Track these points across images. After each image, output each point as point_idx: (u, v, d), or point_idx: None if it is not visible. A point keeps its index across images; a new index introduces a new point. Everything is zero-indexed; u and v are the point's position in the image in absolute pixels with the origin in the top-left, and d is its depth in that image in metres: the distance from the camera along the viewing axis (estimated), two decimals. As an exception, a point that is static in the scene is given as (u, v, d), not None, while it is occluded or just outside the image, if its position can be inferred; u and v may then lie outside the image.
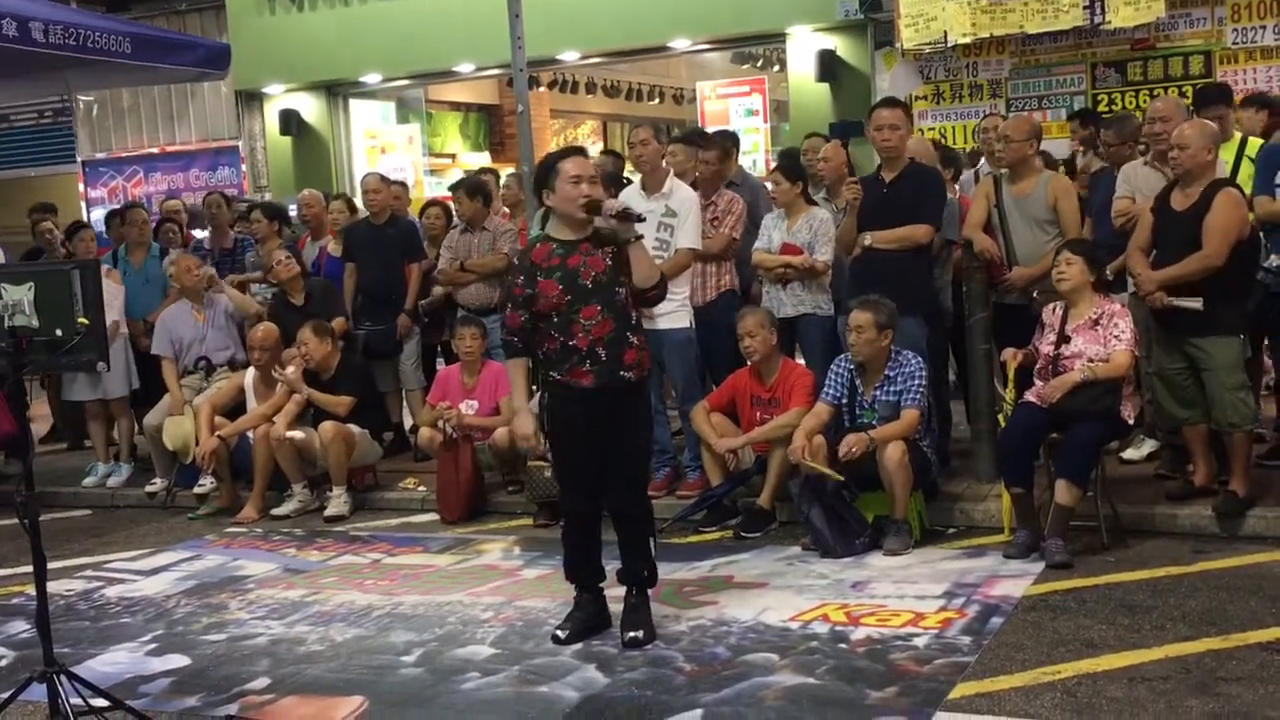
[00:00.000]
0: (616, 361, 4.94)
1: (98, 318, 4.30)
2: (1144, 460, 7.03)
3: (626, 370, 4.97)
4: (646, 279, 4.96)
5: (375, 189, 8.82)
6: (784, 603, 5.47)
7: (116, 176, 14.78)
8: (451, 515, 7.39)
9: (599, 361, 4.92)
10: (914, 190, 6.70)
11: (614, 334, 4.93)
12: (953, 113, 10.48)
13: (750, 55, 14.40)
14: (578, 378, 4.95)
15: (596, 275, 4.92)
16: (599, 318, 4.90)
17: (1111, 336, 5.91)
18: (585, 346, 4.91)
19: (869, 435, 6.11)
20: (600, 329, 4.91)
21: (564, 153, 5.08)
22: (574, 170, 4.92)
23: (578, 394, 4.97)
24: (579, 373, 4.94)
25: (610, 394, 4.96)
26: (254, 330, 8.15)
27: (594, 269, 4.93)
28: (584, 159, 5.02)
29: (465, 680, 4.82)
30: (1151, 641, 4.74)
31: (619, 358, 4.94)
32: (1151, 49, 9.88)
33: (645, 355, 5.07)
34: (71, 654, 5.23)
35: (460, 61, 12.82)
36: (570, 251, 4.96)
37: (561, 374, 4.98)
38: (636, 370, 5.01)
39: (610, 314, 4.92)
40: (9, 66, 8.61)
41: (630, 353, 4.97)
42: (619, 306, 4.95)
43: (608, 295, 4.93)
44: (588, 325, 4.90)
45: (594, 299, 4.90)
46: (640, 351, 5.03)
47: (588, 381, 4.94)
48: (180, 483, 8.40)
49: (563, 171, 4.93)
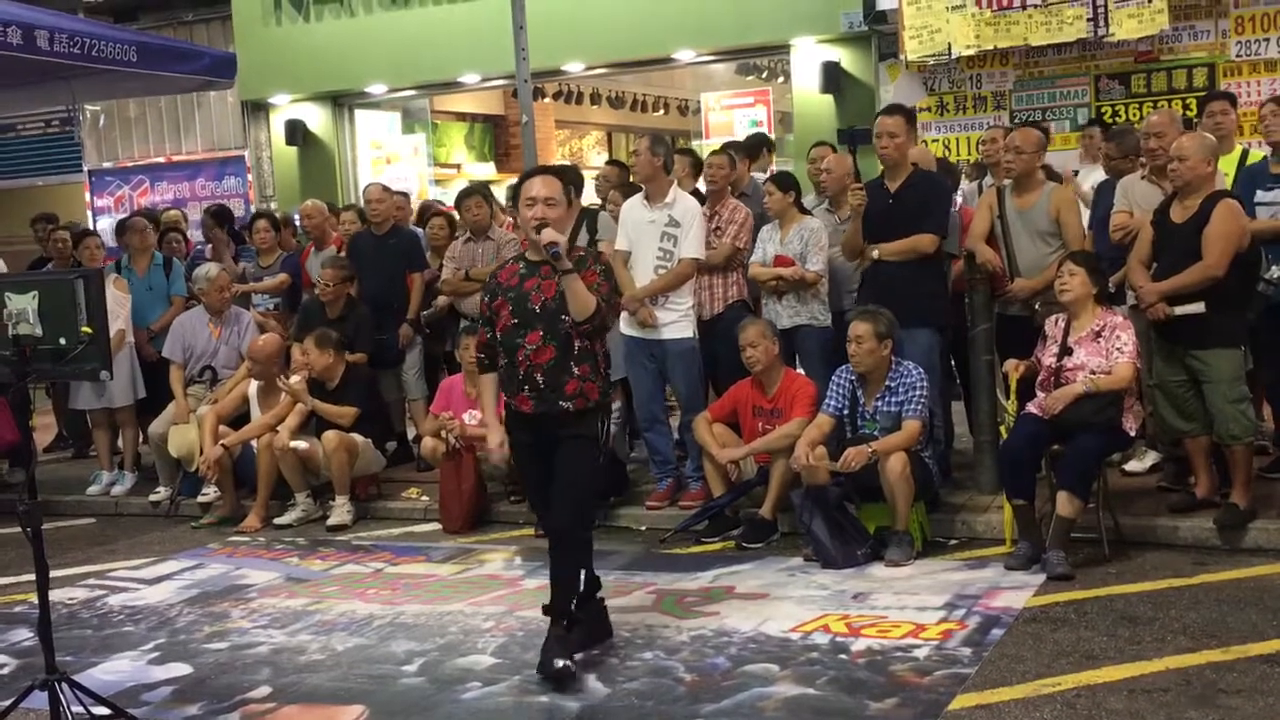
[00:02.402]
0: (555, 390, 4.87)
1: (101, 327, 4.32)
2: (1146, 472, 7.03)
3: (566, 400, 4.89)
4: (579, 312, 4.80)
5: (378, 198, 8.84)
6: (785, 613, 5.47)
7: (123, 186, 14.81)
8: (453, 525, 7.39)
9: (536, 388, 4.89)
10: (919, 198, 6.72)
11: (555, 362, 4.86)
12: (956, 124, 10.48)
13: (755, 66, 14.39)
14: (519, 403, 4.97)
15: (545, 301, 4.88)
16: (540, 344, 4.86)
17: (1114, 348, 5.92)
18: (524, 372, 4.90)
19: (870, 447, 6.11)
20: (540, 355, 4.86)
21: (530, 172, 5.11)
22: (531, 192, 4.88)
23: (519, 418, 5.01)
24: (520, 397, 4.95)
25: (549, 420, 4.92)
26: (254, 342, 8.16)
27: (545, 294, 4.89)
28: (548, 179, 4.95)
29: (466, 690, 4.82)
30: (1152, 653, 4.74)
31: (558, 386, 4.87)
32: (1155, 61, 9.88)
33: (590, 387, 4.93)
34: (73, 662, 5.25)
35: (465, 72, 12.84)
36: (530, 274, 4.95)
37: (510, 395, 5.02)
38: (578, 400, 4.90)
39: (553, 341, 4.86)
40: (15, 75, 8.66)
41: (571, 383, 4.88)
42: (563, 334, 4.86)
43: (552, 323, 4.86)
44: (529, 350, 4.87)
45: (539, 325, 4.87)
46: (584, 383, 4.90)
47: (527, 408, 4.94)
48: (184, 492, 8.43)
49: (524, 191, 4.93)
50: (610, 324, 5.09)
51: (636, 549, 6.77)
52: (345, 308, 8.40)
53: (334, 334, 7.99)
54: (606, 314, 4.91)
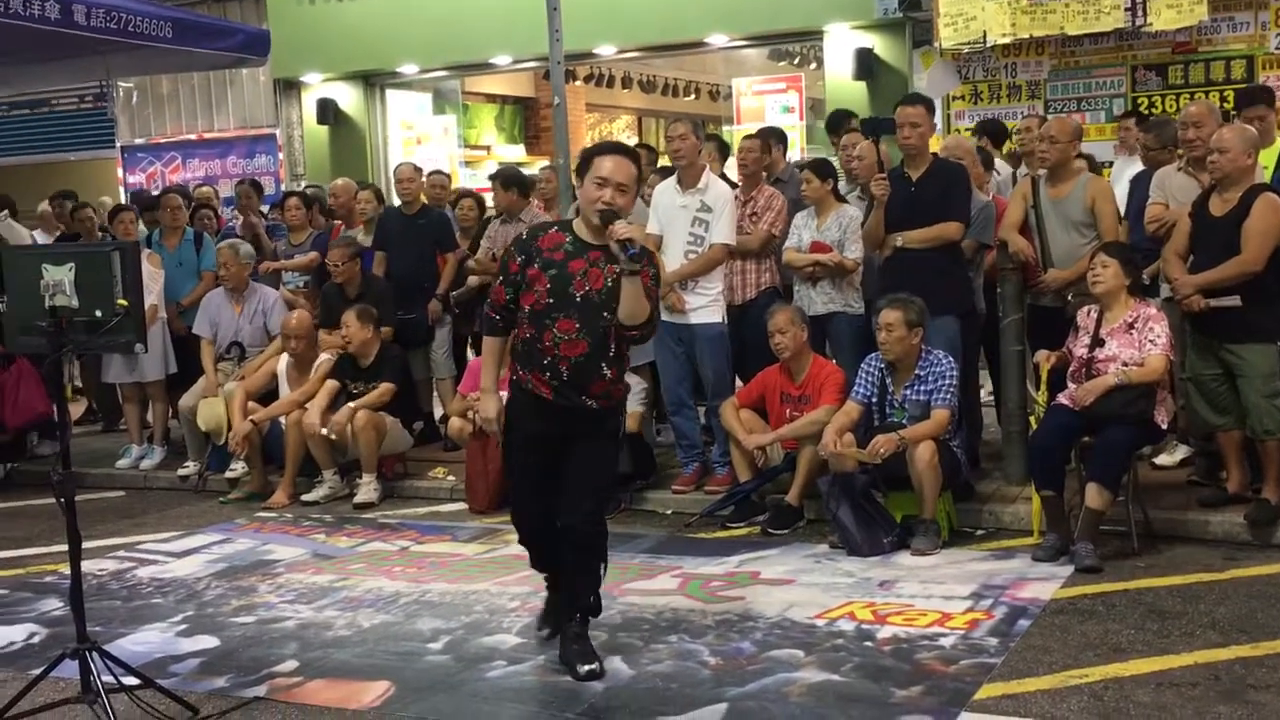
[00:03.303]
0: (579, 388, 4.53)
1: (136, 299, 4.34)
2: (1176, 466, 6.99)
3: (590, 399, 4.56)
4: (629, 316, 4.46)
5: (409, 178, 8.85)
6: (810, 600, 5.47)
7: (155, 162, 14.88)
8: (479, 505, 7.41)
9: (559, 378, 4.52)
10: (941, 187, 6.68)
11: (584, 358, 4.49)
12: (990, 113, 10.41)
13: (787, 52, 14.33)
14: (537, 385, 4.56)
15: (590, 291, 4.48)
16: (573, 335, 4.47)
17: (1147, 340, 5.88)
18: (550, 358, 4.50)
19: (899, 435, 6.09)
20: (571, 347, 4.48)
21: (608, 148, 4.67)
22: (604, 171, 4.48)
23: (533, 400, 4.59)
24: (539, 380, 4.55)
25: (567, 414, 4.58)
26: (288, 318, 8.20)
27: (591, 282, 4.49)
28: (624, 162, 4.54)
29: (491, 668, 4.84)
30: (1181, 647, 4.71)
31: (583, 385, 4.53)
32: (1193, 52, 9.79)
33: (618, 390, 4.66)
34: (103, 632, 5.28)
35: (497, 54, 12.84)
36: (578, 253, 4.53)
37: (525, 371, 4.60)
38: (603, 401, 4.59)
39: (588, 335, 4.48)
40: (51, 49, 8.69)
41: (599, 384, 4.55)
42: (600, 331, 4.49)
43: (592, 317, 4.48)
44: (559, 338, 4.48)
45: (575, 314, 4.47)
46: (613, 385, 4.60)
47: (546, 393, 4.55)
48: (212, 466, 8.48)
49: (595, 168, 4.52)
50: (652, 335, 4.73)
51: (662, 533, 6.77)
52: (362, 285, 8.44)
53: (374, 310, 8.00)
54: (656, 324, 4.63)
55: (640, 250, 4.41)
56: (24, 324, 4.41)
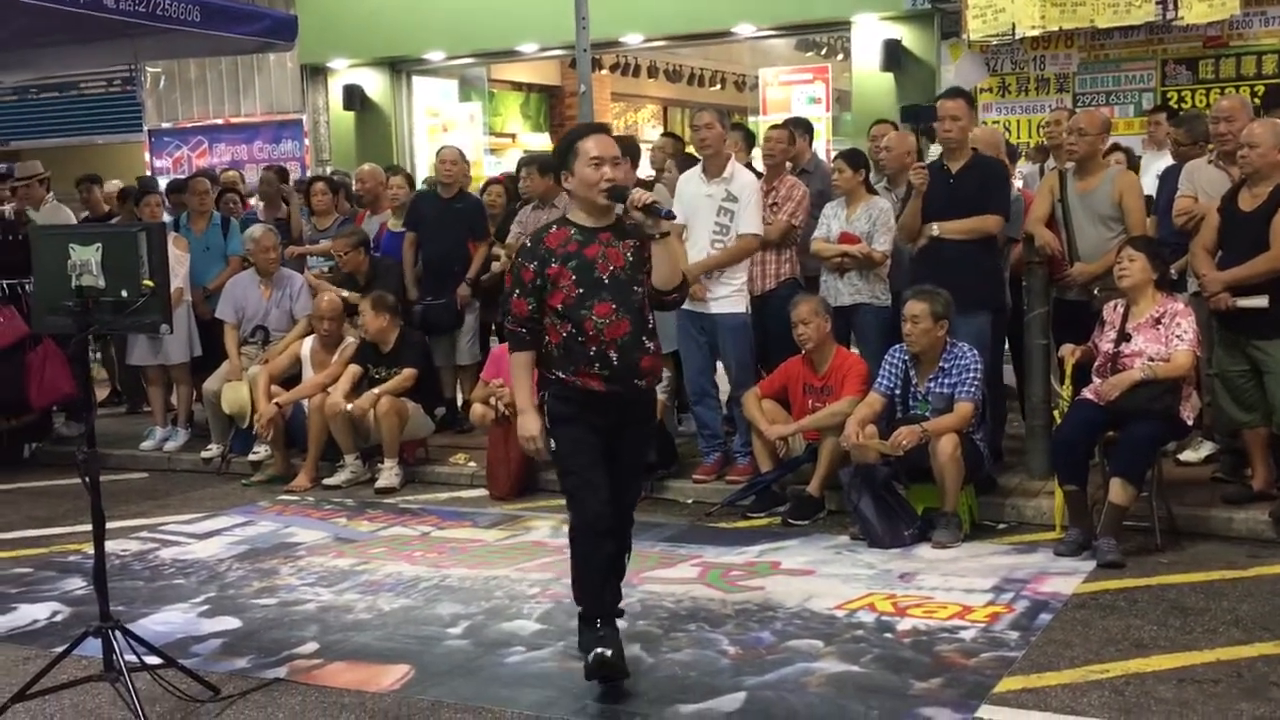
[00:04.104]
0: (630, 368, 4.39)
1: (163, 280, 4.35)
2: (1201, 463, 6.94)
3: (640, 378, 4.43)
4: (667, 280, 4.45)
5: (454, 160, 8.83)
6: (830, 591, 5.46)
7: (182, 146, 14.97)
8: (500, 492, 7.42)
9: (609, 365, 4.37)
10: (980, 181, 6.65)
11: (629, 337, 4.38)
12: (1018, 106, 10.37)
13: (814, 43, 14.32)
14: (586, 380, 4.38)
15: (614, 270, 4.40)
16: (613, 317, 4.36)
17: (1173, 335, 5.84)
18: (596, 347, 4.36)
19: (922, 427, 6.07)
20: (614, 330, 4.36)
21: (585, 130, 4.56)
22: (595, 150, 4.38)
23: (583, 397, 4.41)
24: (587, 375, 4.38)
25: (620, 402, 4.44)
26: (319, 300, 8.24)
27: (612, 262, 4.40)
28: (607, 137, 4.49)
29: (510, 654, 4.85)
30: (1203, 644, 4.68)
31: (634, 364, 4.40)
32: (1224, 47, 9.72)
33: (659, 364, 4.56)
34: (125, 612, 5.30)
35: (524, 41, 12.85)
36: (589, 240, 4.43)
37: (567, 374, 4.41)
38: (650, 378, 4.49)
39: (626, 314, 4.38)
40: (80, 31, 8.75)
41: (646, 359, 4.44)
42: (636, 306, 4.42)
43: (624, 293, 4.40)
44: (600, 324, 4.35)
45: (609, 295, 4.37)
46: (656, 358, 4.51)
47: (598, 385, 4.38)
48: (235, 449, 8.52)
49: (582, 152, 4.39)
50: (685, 298, 4.73)
51: (682, 521, 6.77)
52: (370, 272, 8.47)
53: (390, 297, 8.03)
54: (685, 285, 4.62)
55: (669, 210, 4.47)
56: (51, 304, 4.43)
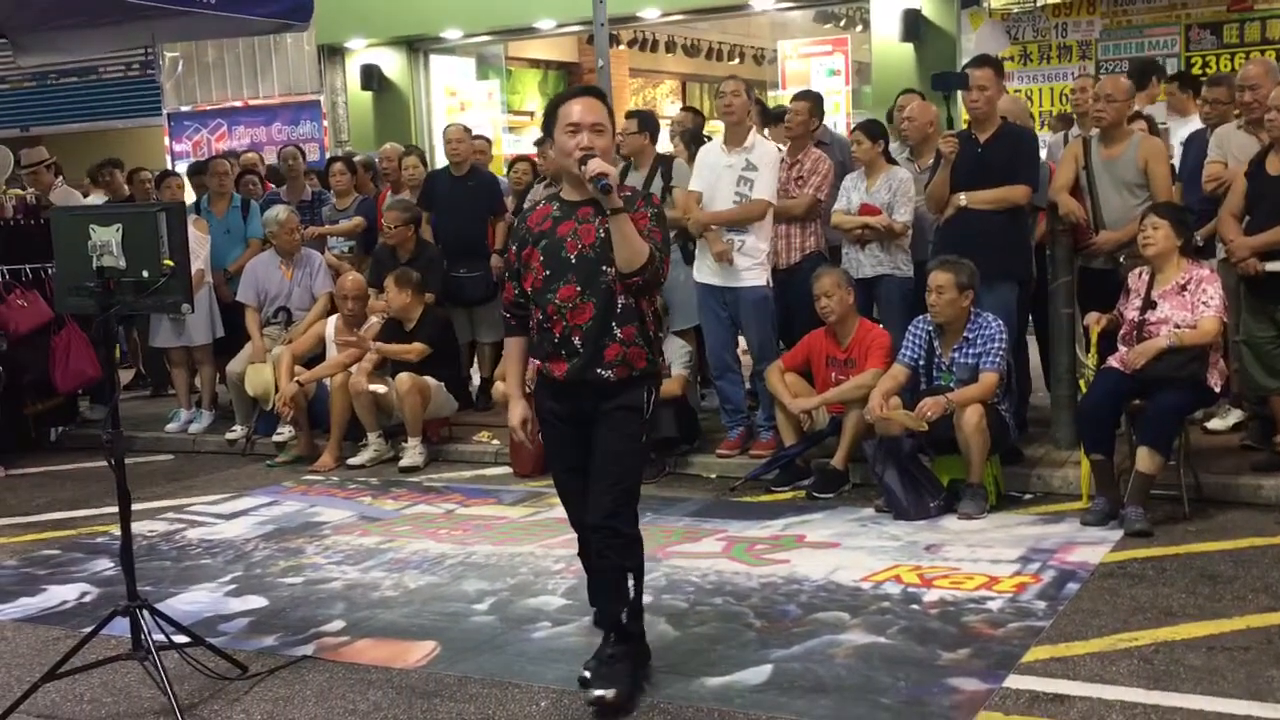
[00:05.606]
0: (593, 357, 4.06)
1: (183, 260, 4.35)
2: (1229, 430, 6.90)
3: (605, 368, 4.06)
4: (627, 262, 3.96)
5: (459, 138, 8.84)
6: (856, 563, 5.45)
7: (200, 129, 14.99)
8: (524, 469, 7.43)
9: (575, 353, 4.07)
10: (1009, 151, 6.58)
11: (594, 323, 4.03)
12: (1040, 74, 10.28)
13: (833, 14, 14.19)
14: (553, 367, 4.13)
15: (583, 249, 4.04)
16: (576, 300, 4.04)
17: (1200, 302, 5.78)
18: (559, 333, 4.07)
19: (946, 398, 6.04)
20: (577, 315, 4.04)
21: (570, 93, 4.19)
22: (574, 117, 4.03)
23: (552, 386, 4.19)
24: (555, 362, 4.12)
25: (584, 390, 4.11)
26: (343, 279, 8.24)
27: (583, 239, 4.05)
28: (593, 101, 4.11)
29: (536, 629, 4.86)
30: (1232, 611, 4.65)
31: (597, 351, 4.05)
32: (1249, 11, 9.60)
33: (635, 353, 4.09)
34: (153, 592, 5.34)
35: (541, 18, 12.79)
36: (566, 216, 4.11)
37: (542, 358, 4.19)
38: (619, 369, 4.07)
39: (591, 297, 4.03)
40: (97, 14, 8.74)
41: (613, 348, 4.05)
42: (604, 289, 4.03)
43: (590, 274, 4.03)
44: (563, 308, 4.05)
45: (573, 276, 4.03)
46: (627, 348, 4.06)
47: (560, 374, 4.12)
48: (259, 430, 8.55)
49: (562, 117, 4.06)
50: (663, 279, 4.19)
51: (706, 496, 6.76)
52: (415, 249, 8.44)
53: (414, 274, 8.02)
54: (660, 266, 4.08)
55: (608, 183, 3.90)
56: (72, 285, 4.44)
